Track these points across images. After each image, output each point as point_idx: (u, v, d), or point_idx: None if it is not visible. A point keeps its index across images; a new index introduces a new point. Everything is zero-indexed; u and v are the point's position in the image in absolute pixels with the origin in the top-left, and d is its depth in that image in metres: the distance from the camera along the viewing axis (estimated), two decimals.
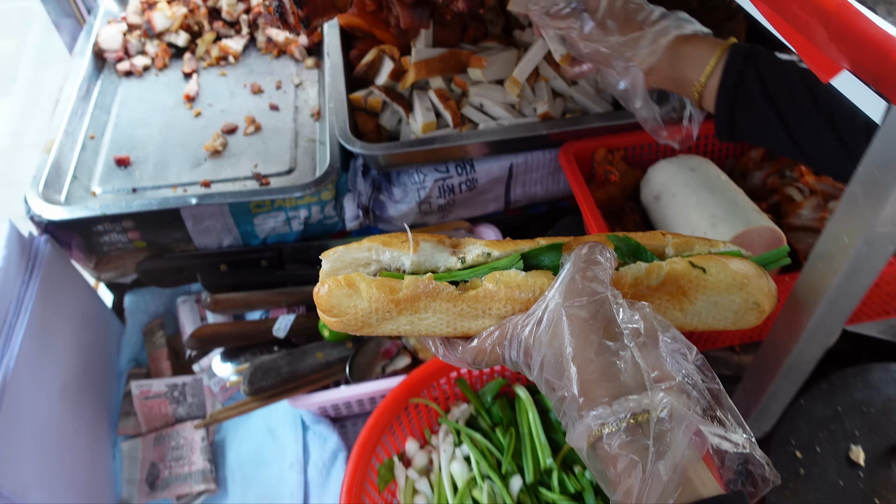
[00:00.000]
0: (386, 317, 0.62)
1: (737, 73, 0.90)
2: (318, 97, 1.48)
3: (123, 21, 1.58)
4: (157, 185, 1.30)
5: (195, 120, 1.43)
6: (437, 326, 0.64)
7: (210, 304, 1.29)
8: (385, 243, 0.65)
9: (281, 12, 1.04)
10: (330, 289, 0.62)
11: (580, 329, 0.55)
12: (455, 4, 1.10)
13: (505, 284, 0.62)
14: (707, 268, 0.65)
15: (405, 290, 0.62)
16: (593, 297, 0.56)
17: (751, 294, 0.66)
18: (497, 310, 0.62)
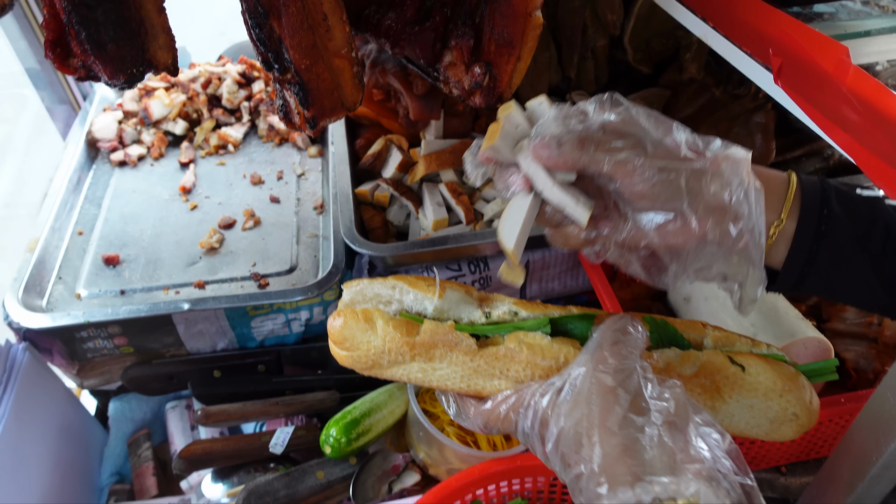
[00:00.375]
0: (398, 360, 0.61)
1: (819, 216, 0.67)
2: (321, 188, 1.41)
3: (119, 108, 1.52)
4: (147, 287, 1.21)
5: (191, 214, 1.35)
6: (450, 379, 0.61)
7: (201, 419, 1.17)
8: (411, 284, 0.64)
9: (285, 111, 0.97)
10: (346, 320, 0.61)
11: (604, 399, 0.51)
12: (472, 100, 1.04)
13: (528, 346, 0.60)
14: (747, 366, 0.61)
15: (423, 334, 0.60)
16: (620, 366, 0.53)
17: (791, 404, 0.62)
18: (515, 372, 0.60)
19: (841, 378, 1.05)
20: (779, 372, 0.62)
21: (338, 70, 0.91)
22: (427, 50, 1.05)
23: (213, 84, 1.52)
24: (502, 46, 1.00)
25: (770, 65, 0.85)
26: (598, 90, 1.39)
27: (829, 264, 0.69)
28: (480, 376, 0.61)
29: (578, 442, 0.51)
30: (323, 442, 1.15)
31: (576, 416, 0.52)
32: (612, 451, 0.49)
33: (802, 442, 0.98)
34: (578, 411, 0.52)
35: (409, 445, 1.22)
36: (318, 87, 0.91)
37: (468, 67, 1.02)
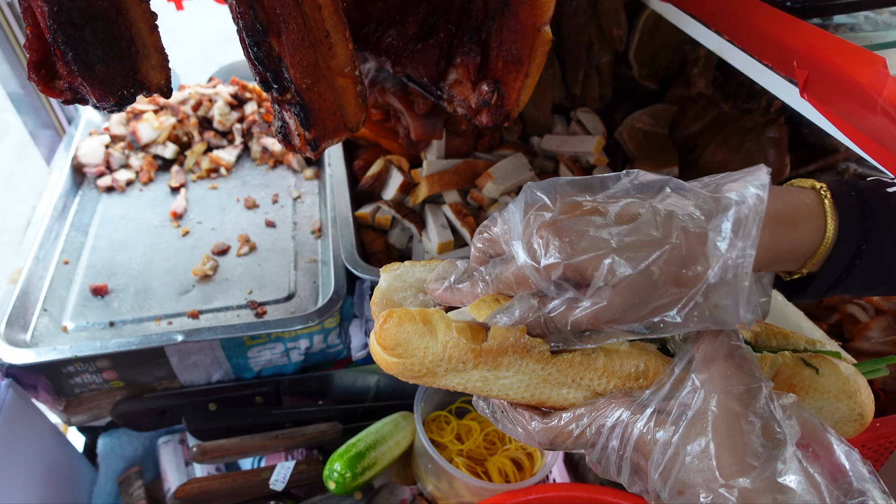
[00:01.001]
0: (458, 367, 0.54)
1: (860, 236, 0.63)
2: (318, 211, 1.36)
3: (106, 132, 1.47)
4: (138, 318, 1.15)
5: (182, 240, 1.29)
6: (514, 389, 0.56)
7: (197, 456, 1.11)
8: None
9: (284, 133, 0.92)
10: (400, 321, 0.53)
11: (735, 427, 0.45)
12: (478, 119, 1.00)
13: (605, 352, 0.55)
14: (820, 368, 0.59)
15: (492, 340, 0.54)
16: (747, 386, 0.47)
17: (858, 404, 0.60)
18: (590, 381, 0.55)
19: None
20: (847, 372, 0.60)
21: (340, 89, 0.87)
22: (431, 68, 1.01)
23: (204, 106, 1.47)
24: (510, 63, 0.97)
25: (795, 77, 0.82)
26: (603, 107, 1.36)
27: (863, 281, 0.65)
28: (549, 385, 0.56)
29: (709, 476, 0.45)
30: (327, 477, 1.09)
31: (700, 445, 0.46)
32: (756, 488, 0.44)
33: None
34: (702, 440, 0.46)
35: (417, 478, 1.17)
36: (320, 108, 0.86)
37: (475, 85, 0.98)
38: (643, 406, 0.51)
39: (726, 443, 0.45)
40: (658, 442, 0.48)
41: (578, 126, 1.32)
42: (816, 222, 0.62)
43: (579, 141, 1.26)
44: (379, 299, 0.60)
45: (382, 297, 0.60)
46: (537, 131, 1.33)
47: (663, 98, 1.32)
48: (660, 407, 0.50)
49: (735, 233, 0.53)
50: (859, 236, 0.62)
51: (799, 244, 0.62)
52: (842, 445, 0.48)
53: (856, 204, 0.63)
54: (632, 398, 0.52)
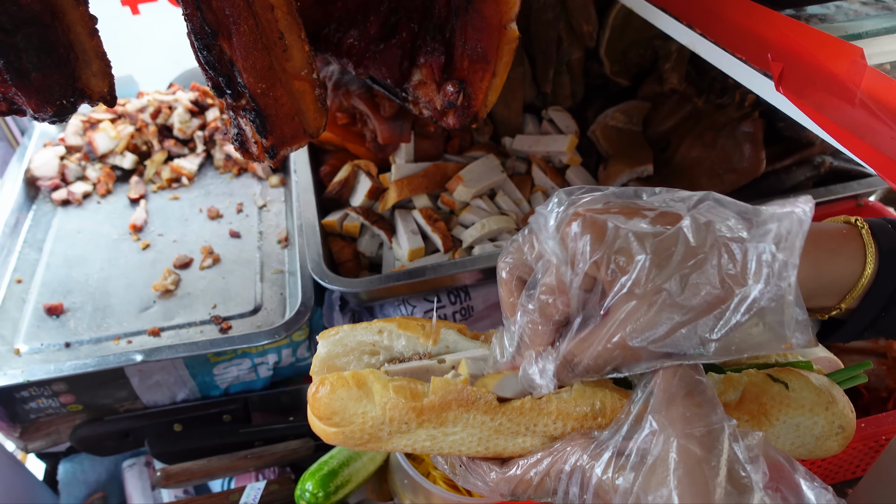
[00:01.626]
0: (402, 429, 0.51)
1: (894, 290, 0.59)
2: (285, 220, 1.31)
3: (61, 143, 1.41)
4: (96, 338, 1.09)
5: (143, 254, 1.24)
6: (465, 444, 0.53)
7: (161, 481, 1.06)
8: (401, 325, 0.56)
9: (241, 141, 0.88)
10: (332, 388, 0.50)
11: (696, 473, 0.42)
12: (444, 121, 0.96)
13: (556, 395, 0.52)
14: (789, 383, 0.56)
15: (433, 395, 0.51)
16: (708, 428, 0.44)
17: (836, 416, 0.57)
18: (544, 426, 0.52)
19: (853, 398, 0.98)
20: (819, 383, 0.58)
21: (298, 93, 0.83)
22: (394, 69, 0.97)
23: (164, 113, 1.41)
24: (476, 62, 0.93)
25: (769, 71, 0.79)
26: (575, 105, 1.33)
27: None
28: (502, 436, 0.53)
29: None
30: (298, 497, 1.05)
31: (662, 496, 0.43)
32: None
33: (820, 470, 0.91)
34: (664, 490, 0.43)
35: (393, 493, 1.12)
36: (277, 114, 0.82)
37: (440, 86, 0.94)
38: (601, 449, 0.48)
39: (689, 492, 0.42)
40: (618, 489, 0.46)
41: (550, 125, 1.29)
42: (857, 251, 0.58)
43: (552, 140, 1.23)
44: (320, 368, 0.56)
45: (323, 365, 0.56)
46: (508, 132, 1.30)
47: (636, 95, 1.29)
48: (620, 448, 0.47)
49: (777, 245, 0.49)
50: None
51: (839, 274, 0.58)
52: (813, 487, 0.45)
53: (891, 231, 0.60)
54: (590, 439, 0.50)
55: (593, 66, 1.30)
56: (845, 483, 0.98)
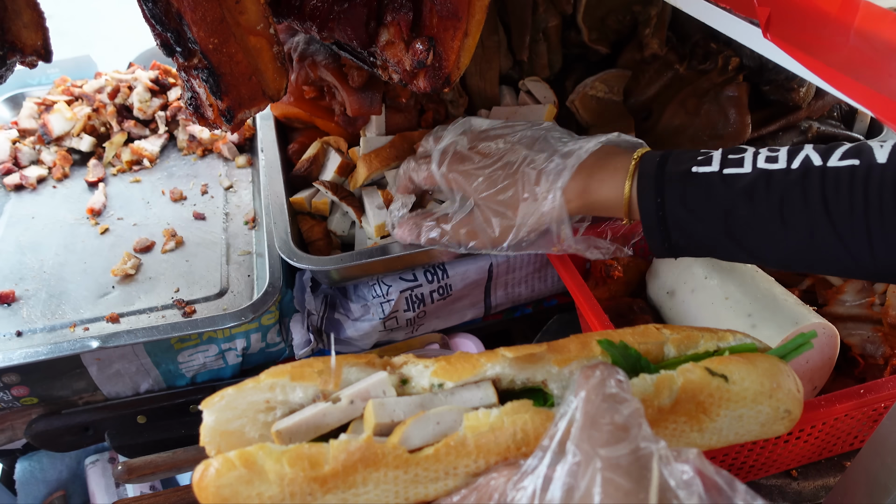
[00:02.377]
0: (307, 500, 0.46)
1: (656, 205, 0.76)
2: (252, 201, 1.25)
3: (14, 127, 1.33)
4: (50, 326, 1.03)
5: (101, 238, 1.17)
6: (381, 501, 0.48)
7: (123, 475, 1.00)
8: (294, 377, 0.51)
9: (195, 105, 0.82)
10: (218, 474, 0.45)
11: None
12: (415, 84, 0.91)
13: (472, 430, 0.48)
14: (729, 375, 0.54)
15: (333, 461, 0.46)
16: (634, 455, 0.42)
17: (781, 402, 0.55)
18: (465, 467, 0.48)
19: (848, 366, 0.95)
20: (762, 370, 0.55)
21: (254, 50, 0.77)
22: (360, 30, 0.91)
23: (123, 93, 1.35)
24: (446, 19, 0.88)
25: (756, 18, 0.75)
26: (552, 76, 1.28)
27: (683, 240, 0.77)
28: (420, 484, 0.48)
29: None
30: None
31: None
32: None
33: (816, 441, 0.87)
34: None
35: None
36: (232, 72, 0.76)
37: (408, 45, 0.89)
38: (524, 479, 0.45)
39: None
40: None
41: (528, 96, 1.24)
42: (619, 178, 0.79)
43: (529, 111, 1.18)
44: (210, 438, 0.50)
45: (214, 434, 0.50)
46: (484, 104, 1.24)
47: (616, 63, 1.25)
48: (547, 476, 0.44)
49: (558, 174, 0.82)
50: (654, 191, 0.75)
51: (604, 194, 0.80)
52: None
53: (655, 164, 0.77)
54: (514, 469, 0.46)
55: (571, 35, 1.25)
56: (842, 456, 0.94)
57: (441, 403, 0.51)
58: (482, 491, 0.46)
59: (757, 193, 0.71)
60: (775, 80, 1.12)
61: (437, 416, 0.49)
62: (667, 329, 0.60)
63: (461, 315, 1.19)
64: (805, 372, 0.90)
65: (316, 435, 0.49)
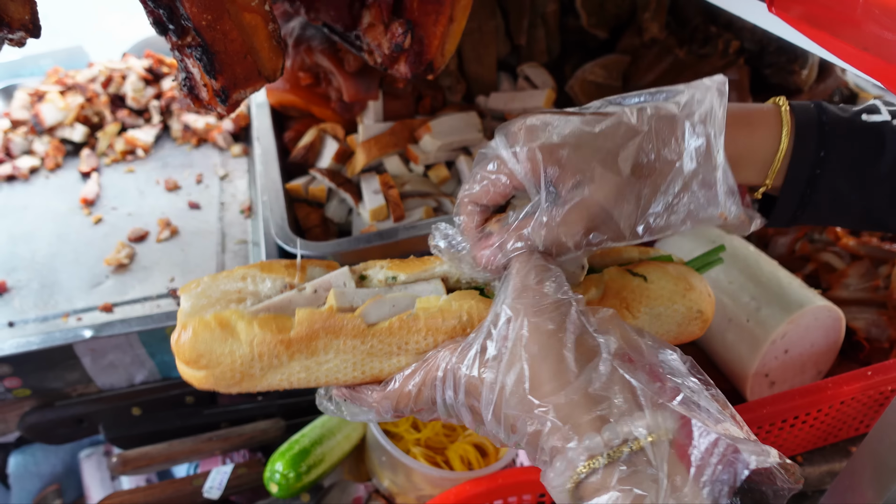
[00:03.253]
0: (273, 363, 0.51)
1: (813, 163, 0.62)
2: (248, 189, 1.24)
3: (6, 117, 1.32)
4: (42, 317, 1.01)
5: (94, 228, 1.15)
6: (341, 371, 0.53)
7: (118, 467, 0.98)
8: (264, 269, 0.56)
9: (190, 86, 0.80)
10: (195, 332, 0.50)
11: (547, 345, 0.45)
12: (396, 68, 0.89)
13: (423, 311, 0.53)
14: (647, 275, 0.58)
15: (299, 326, 0.51)
16: (556, 304, 0.47)
17: (694, 302, 0.59)
18: (416, 343, 0.53)
19: (853, 350, 0.93)
20: (676, 272, 0.60)
21: (249, 28, 0.75)
22: (344, 11, 0.90)
23: (116, 82, 1.33)
24: (428, 3, 0.86)
25: None
26: (551, 61, 1.27)
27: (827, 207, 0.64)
28: (376, 358, 0.54)
29: (526, 401, 0.44)
30: (268, 479, 0.97)
31: (516, 373, 0.45)
32: (570, 401, 0.43)
33: (822, 426, 0.86)
34: (518, 366, 0.45)
35: (371, 473, 1.05)
36: (226, 50, 0.74)
37: (387, 27, 0.87)
38: (467, 347, 0.49)
39: (540, 364, 0.45)
40: (485, 381, 0.47)
41: (526, 82, 1.22)
42: (774, 127, 0.61)
43: (528, 96, 1.17)
44: (187, 321, 0.53)
45: (191, 318, 0.53)
46: (483, 90, 1.23)
47: (615, 48, 1.24)
48: (483, 346, 0.48)
49: (703, 120, 0.55)
50: (816, 143, 0.61)
51: (756, 148, 0.61)
52: (658, 347, 0.48)
53: (814, 114, 0.62)
54: (456, 343, 0.51)
55: (569, 20, 1.24)
56: (848, 441, 0.93)
57: (396, 293, 0.55)
58: (430, 363, 0.51)
59: None
60: (776, 64, 1.11)
61: (392, 300, 0.54)
62: None
63: None
64: (810, 356, 0.89)
65: None
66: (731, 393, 0.73)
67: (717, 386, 0.49)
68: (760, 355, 0.84)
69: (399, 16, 0.88)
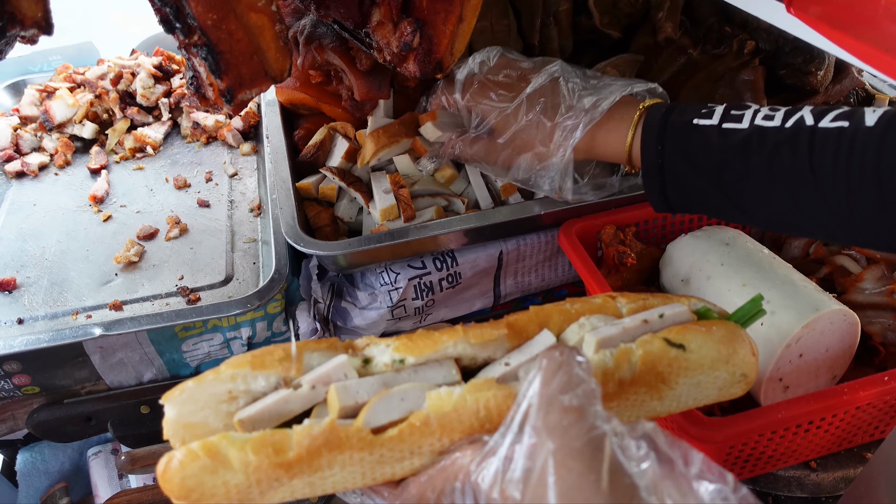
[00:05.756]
0: (273, 486, 0.47)
1: (656, 153, 0.81)
2: (258, 188, 1.23)
3: (15, 114, 1.32)
4: (52, 314, 1.01)
5: (104, 225, 1.15)
6: (349, 481, 0.49)
7: (126, 465, 0.98)
8: (255, 365, 0.50)
9: (197, 85, 0.80)
10: (182, 465, 0.45)
11: (575, 491, 0.40)
12: (405, 67, 0.88)
13: (435, 411, 0.48)
14: (686, 344, 0.55)
15: (297, 447, 0.46)
16: (588, 437, 0.42)
17: (737, 366, 0.57)
18: (430, 446, 0.48)
19: (868, 355, 0.92)
20: (718, 337, 0.57)
21: (255, 28, 0.75)
22: (353, 9, 0.89)
23: (125, 79, 1.33)
24: (437, 2, 0.85)
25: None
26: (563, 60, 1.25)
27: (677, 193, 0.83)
28: (387, 464, 0.49)
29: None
30: None
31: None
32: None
33: (837, 431, 0.85)
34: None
35: None
36: (232, 50, 0.74)
37: (396, 25, 0.86)
38: (488, 459, 0.45)
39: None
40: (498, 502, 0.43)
41: None
42: (625, 127, 0.86)
43: None
44: (173, 431, 0.49)
45: (177, 427, 0.49)
46: None
47: (628, 48, 1.22)
48: (507, 454, 0.44)
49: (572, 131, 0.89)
50: (656, 139, 0.81)
51: (610, 143, 0.88)
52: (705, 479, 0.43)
53: (660, 116, 0.82)
54: (477, 446, 0.47)
55: (582, 20, 1.23)
56: (864, 446, 0.92)
57: (404, 381, 0.50)
58: (448, 471, 0.47)
59: (749, 148, 0.74)
60: (792, 64, 1.09)
61: (400, 393, 0.49)
62: (622, 298, 0.61)
63: (470, 304, 1.17)
64: (825, 360, 0.88)
65: (279, 422, 0.49)
66: (744, 397, 0.71)
67: None
68: (775, 360, 0.83)
69: (408, 14, 0.87)
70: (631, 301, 0.60)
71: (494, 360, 0.54)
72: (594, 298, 0.61)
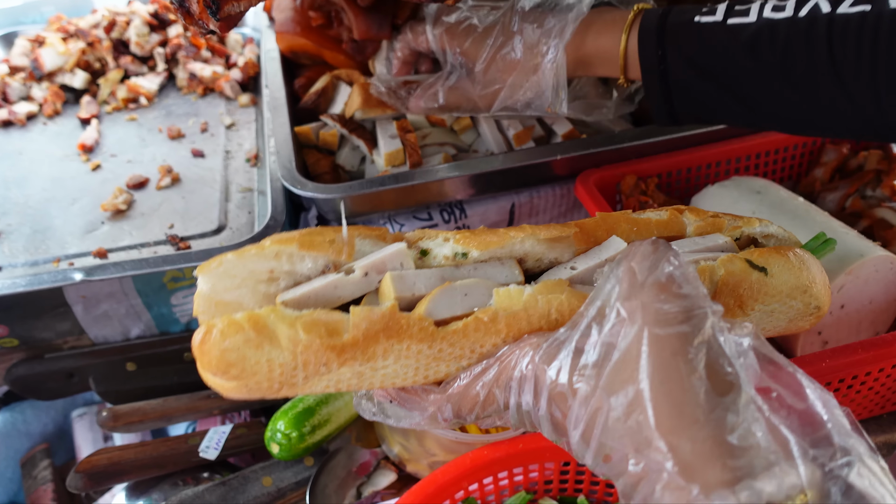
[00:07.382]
0: (321, 371, 0.42)
1: (657, 59, 0.73)
2: (255, 139, 1.17)
3: (5, 63, 1.25)
4: (32, 261, 0.94)
5: (92, 174, 1.09)
6: (399, 376, 0.45)
7: (107, 421, 0.92)
8: (304, 244, 0.44)
9: (180, 1, 0.73)
10: (224, 336, 0.40)
11: (671, 368, 0.36)
12: None
13: (504, 310, 0.44)
14: (769, 267, 0.52)
15: (354, 329, 0.42)
16: (688, 314, 0.38)
17: (814, 297, 0.54)
18: (492, 346, 0.45)
19: None
20: (798, 264, 0.54)
21: None
22: None
23: (119, 27, 1.26)
24: None
25: None
26: None
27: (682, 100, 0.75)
28: (443, 362, 0.45)
29: (637, 435, 0.35)
30: (269, 440, 0.90)
31: (627, 395, 0.36)
32: (696, 446, 0.34)
33: (882, 390, 0.77)
34: (631, 388, 0.36)
35: (381, 438, 0.98)
36: None
37: None
38: (557, 346, 0.41)
39: (661, 391, 0.36)
40: (577, 394, 0.39)
41: None
42: (617, 29, 0.76)
43: None
44: (205, 307, 0.43)
45: (209, 303, 0.43)
46: None
47: None
48: (578, 345, 0.40)
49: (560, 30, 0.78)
50: (655, 43, 0.73)
51: (602, 45, 0.78)
52: (816, 390, 0.38)
53: (657, 18, 0.73)
54: (541, 337, 0.43)
55: None
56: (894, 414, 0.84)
57: (465, 276, 0.45)
58: (506, 359, 0.43)
59: (760, 46, 0.67)
60: None
61: (464, 287, 0.44)
62: (691, 214, 0.56)
63: None
64: (868, 313, 0.81)
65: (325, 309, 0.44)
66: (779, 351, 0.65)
67: None
68: None
69: None
70: (699, 218, 0.56)
71: (560, 263, 0.50)
72: (660, 211, 0.56)
